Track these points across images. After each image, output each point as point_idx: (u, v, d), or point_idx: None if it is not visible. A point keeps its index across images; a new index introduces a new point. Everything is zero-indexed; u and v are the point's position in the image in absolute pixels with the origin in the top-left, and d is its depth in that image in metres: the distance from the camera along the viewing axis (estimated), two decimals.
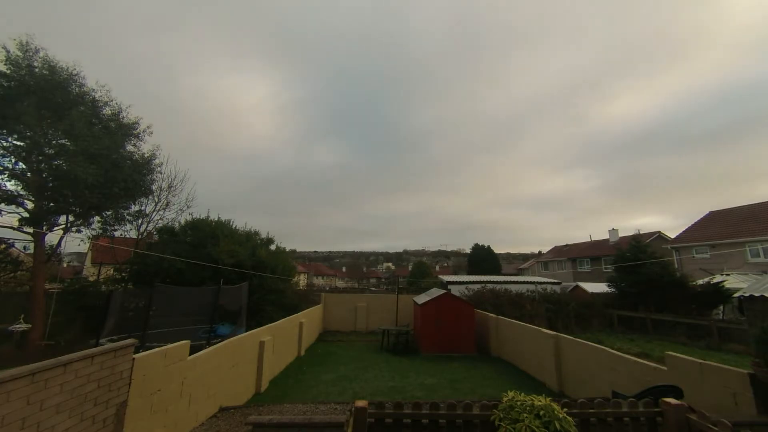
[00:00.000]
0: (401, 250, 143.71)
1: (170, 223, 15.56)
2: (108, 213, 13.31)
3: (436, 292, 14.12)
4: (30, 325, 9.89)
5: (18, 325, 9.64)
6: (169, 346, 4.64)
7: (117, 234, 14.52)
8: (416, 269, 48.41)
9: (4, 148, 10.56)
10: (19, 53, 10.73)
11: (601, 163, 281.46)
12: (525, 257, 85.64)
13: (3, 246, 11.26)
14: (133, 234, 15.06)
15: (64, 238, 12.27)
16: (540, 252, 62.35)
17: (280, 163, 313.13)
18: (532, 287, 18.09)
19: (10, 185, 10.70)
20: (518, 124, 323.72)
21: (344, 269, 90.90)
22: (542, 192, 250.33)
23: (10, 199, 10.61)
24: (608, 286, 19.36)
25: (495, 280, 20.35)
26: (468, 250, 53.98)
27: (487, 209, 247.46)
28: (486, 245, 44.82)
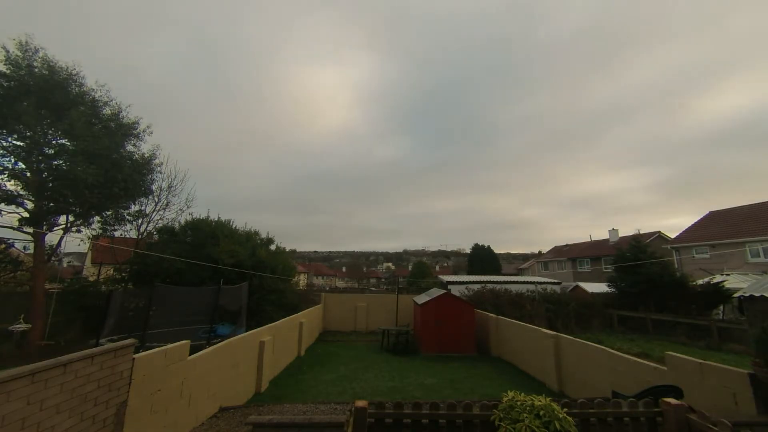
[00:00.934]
0: (401, 250, 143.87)
1: (170, 223, 15.55)
2: (108, 213, 13.31)
3: (436, 292, 14.12)
4: (30, 325, 9.89)
5: (18, 325, 9.64)
6: (169, 346, 4.64)
7: (117, 234, 14.51)
8: (416, 269, 48.39)
9: (4, 148, 10.56)
10: (19, 53, 10.73)
11: (662, 162, 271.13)
12: (525, 257, 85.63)
13: (3, 246, 11.25)
14: (133, 234, 15.06)
15: (64, 238, 12.28)
16: (540, 252, 62.35)
17: (334, 159, 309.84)
18: (532, 287, 18.09)
19: (10, 185, 10.69)
20: (594, 124, 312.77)
21: (344, 269, 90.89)
22: (591, 190, 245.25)
23: (10, 199, 10.61)
24: (608, 286, 19.36)
25: (495, 280, 20.35)
26: (468, 250, 54.01)
27: (527, 207, 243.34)
28: (486, 245, 44.84)
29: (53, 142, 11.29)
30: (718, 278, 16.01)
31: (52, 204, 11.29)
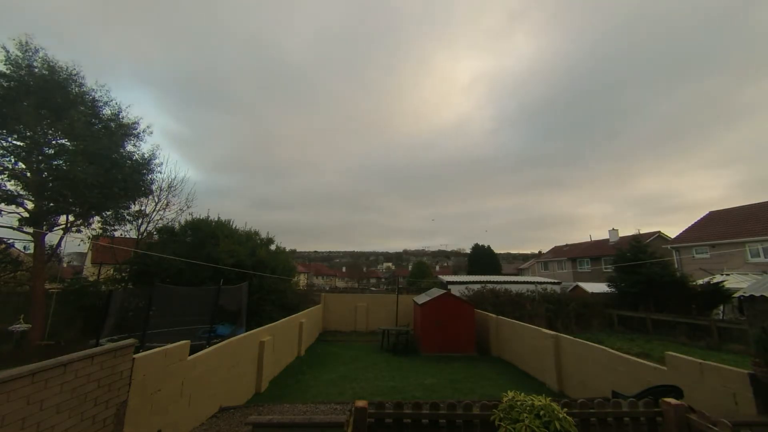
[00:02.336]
0: (401, 250, 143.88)
1: (170, 223, 15.55)
2: (108, 213, 13.30)
3: (436, 292, 14.12)
4: (30, 325, 9.89)
5: (18, 325, 9.64)
6: (169, 346, 4.64)
7: (117, 234, 14.50)
8: (416, 269, 48.39)
9: (4, 148, 10.55)
10: (19, 53, 10.74)
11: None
12: (525, 257, 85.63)
13: (3, 246, 11.26)
14: (133, 234, 15.06)
15: (64, 238, 12.27)
16: (540, 252, 62.35)
17: (432, 155, 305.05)
18: (532, 287, 18.09)
19: (10, 185, 10.69)
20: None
21: (344, 269, 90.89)
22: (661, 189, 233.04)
23: (10, 199, 10.60)
24: (608, 286, 19.37)
25: (495, 280, 20.36)
26: (468, 250, 54.00)
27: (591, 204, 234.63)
28: (486, 245, 44.83)
29: (53, 142, 11.29)
30: (718, 278, 16.02)
31: (52, 204, 11.29)
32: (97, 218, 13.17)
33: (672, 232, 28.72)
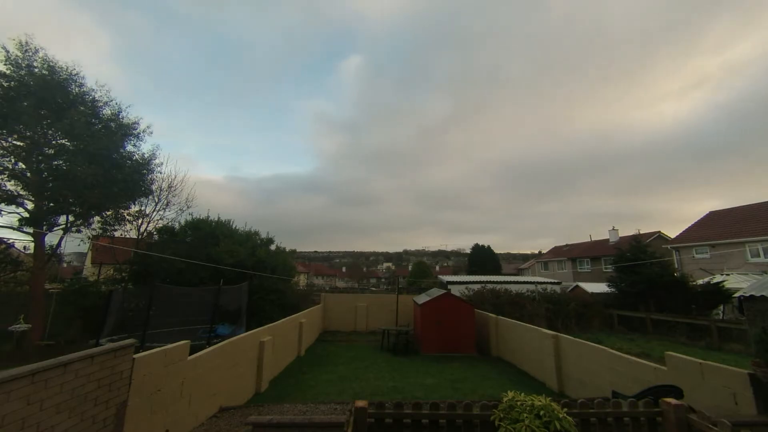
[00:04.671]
0: (401, 250, 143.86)
1: (170, 223, 15.57)
2: (108, 213, 13.31)
3: (436, 292, 14.11)
4: (30, 325, 9.88)
5: (18, 325, 9.63)
6: (169, 346, 4.64)
7: (117, 234, 14.51)
8: (416, 269, 48.40)
9: (4, 148, 10.55)
10: (19, 53, 10.74)
11: None
12: (525, 257, 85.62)
13: (3, 246, 11.25)
14: (133, 234, 15.07)
15: (64, 238, 12.28)
16: (540, 252, 62.34)
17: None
18: (532, 287, 18.09)
19: (10, 185, 10.69)
20: None
21: (344, 269, 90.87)
22: None
23: (10, 199, 10.61)
24: (608, 286, 19.36)
25: (495, 280, 20.35)
26: (468, 250, 53.99)
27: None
28: (486, 245, 44.83)
29: (53, 142, 11.29)
30: (718, 278, 16.02)
31: (52, 204, 11.29)
32: (97, 218, 13.17)
33: (673, 232, 28.80)
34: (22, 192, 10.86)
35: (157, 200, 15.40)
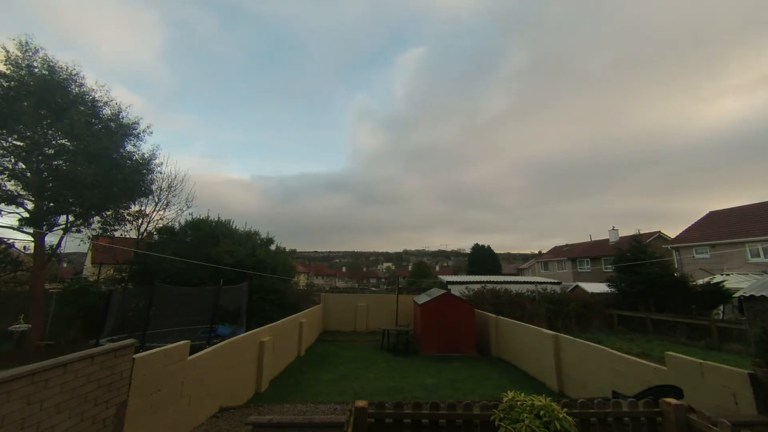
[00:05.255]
0: (401, 250, 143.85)
1: (170, 223, 15.56)
2: (108, 213, 13.31)
3: (436, 292, 14.11)
4: (30, 325, 9.88)
5: (18, 325, 9.63)
6: (169, 346, 4.64)
7: (117, 234, 14.51)
8: (416, 269, 48.41)
9: (4, 148, 10.55)
10: (19, 53, 10.74)
11: None
12: (525, 257, 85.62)
13: (3, 246, 11.25)
14: (133, 234, 15.07)
15: (64, 238, 12.28)
16: (540, 252, 62.35)
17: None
18: (532, 287, 18.09)
19: (10, 185, 10.69)
20: None
21: (344, 269, 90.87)
22: None
23: (10, 199, 10.61)
24: (608, 286, 19.36)
25: (495, 280, 20.36)
26: (468, 250, 54.01)
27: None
28: (486, 245, 44.83)
29: (53, 142, 11.30)
30: (718, 278, 16.02)
31: (52, 204, 11.29)
32: (97, 218, 13.17)
33: (673, 232, 28.79)
34: (22, 192, 10.85)
35: (157, 200, 15.42)
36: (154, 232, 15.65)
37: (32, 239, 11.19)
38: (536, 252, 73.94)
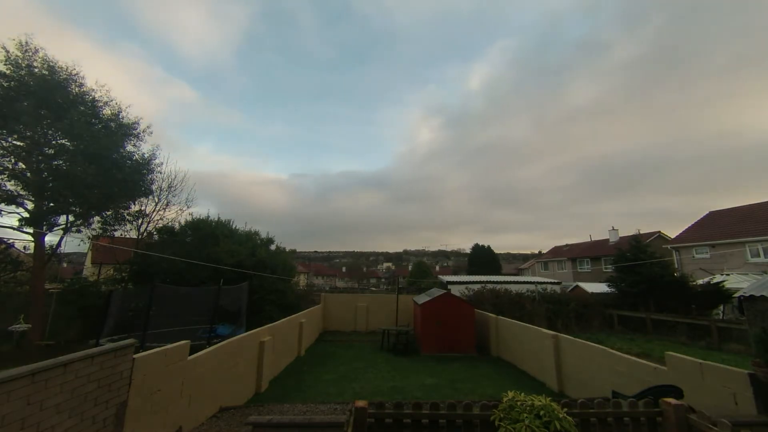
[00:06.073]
0: (401, 250, 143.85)
1: (170, 223, 15.56)
2: (108, 213, 13.30)
3: (436, 292, 14.11)
4: (30, 325, 9.89)
5: (18, 325, 9.64)
6: (169, 346, 4.64)
7: (117, 234, 14.51)
8: (416, 269, 48.38)
9: (4, 148, 10.55)
10: (19, 53, 10.73)
11: None
12: (525, 257, 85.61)
13: (3, 246, 11.25)
14: (133, 234, 15.07)
15: (64, 238, 12.27)
16: (540, 252, 62.36)
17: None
18: (532, 287, 18.10)
19: (10, 185, 10.69)
20: None
21: (344, 269, 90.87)
22: None
23: (10, 199, 10.60)
24: (608, 286, 19.36)
25: (495, 280, 20.37)
26: (468, 250, 54.02)
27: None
28: (486, 245, 44.84)
29: (53, 142, 11.29)
30: (718, 278, 16.03)
31: (52, 204, 11.28)
32: (97, 218, 13.17)
33: (673, 232, 28.79)
34: (22, 192, 10.85)
35: (157, 200, 15.42)
36: (154, 232, 15.65)
37: (32, 239, 11.18)
38: (536, 252, 73.96)
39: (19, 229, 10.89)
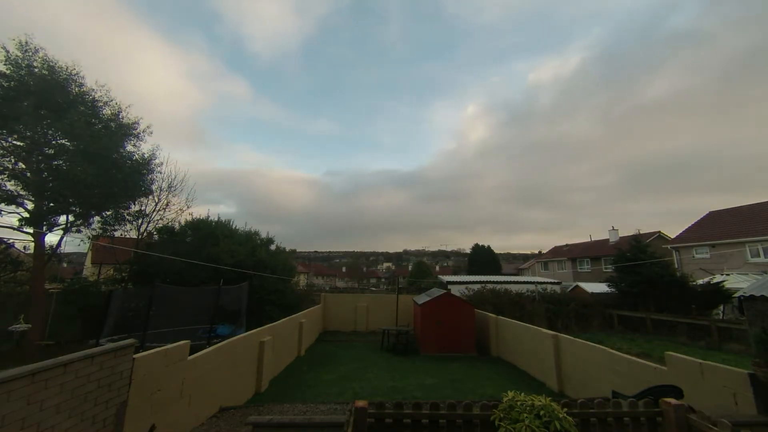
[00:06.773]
0: (401, 250, 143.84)
1: (170, 223, 15.54)
2: (108, 213, 13.30)
3: (436, 292, 14.11)
4: (30, 325, 9.88)
5: (18, 325, 9.63)
6: (169, 346, 4.64)
7: (117, 234, 14.50)
8: (416, 269, 48.36)
9: (4, 148, 10.55)
10: (19, 53, 10.73)
11: None
12: (525, 257, 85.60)
13: (3, 246, 11.25)
14: (133, 234, 15.05)
15: (64, 238, 12.27)
16: (540, 252, 62.36)
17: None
18: (532, 287, 18.11)
19: (10, 185, 10.68)
20: None
21: (344, 269, 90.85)
22: None
23: (10, 199, 10.60)
24: (608, 286, 19.36)
25: (495, 280, 20.38)
26: (468, 250, 54.02)
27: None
28: (486, 245, 44.84)
29: (53, 142, 11.28)
30: (718, 278, 16.02)
31: (52, 204, 11.28)
32: (97, 218, 13.16)
33: (673, 232, 28.75)
34: (22, 192, 10.84)
35: (157, 200, 15.40)
36: (154, 232, 15.64)
37: (32, 239, 11.18)
38: (536, 252, 73.96)
39: (19, 229, 10.89)
